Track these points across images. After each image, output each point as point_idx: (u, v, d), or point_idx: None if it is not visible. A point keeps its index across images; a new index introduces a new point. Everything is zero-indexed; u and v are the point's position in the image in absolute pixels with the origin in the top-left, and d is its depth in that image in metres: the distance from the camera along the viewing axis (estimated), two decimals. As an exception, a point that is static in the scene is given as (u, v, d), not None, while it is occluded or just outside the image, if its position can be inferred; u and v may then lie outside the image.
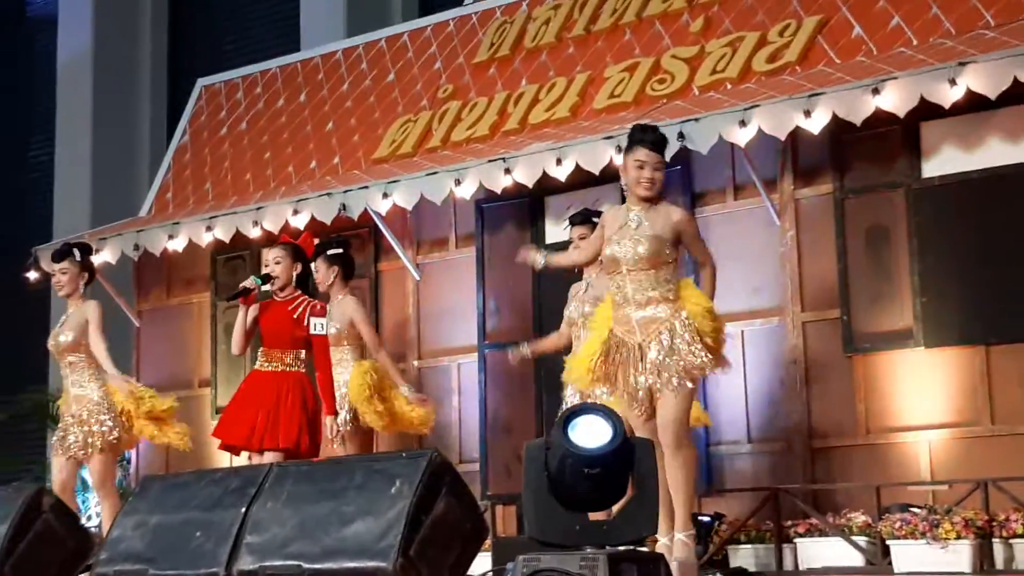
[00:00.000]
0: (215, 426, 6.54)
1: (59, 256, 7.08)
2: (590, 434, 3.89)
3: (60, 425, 6.97)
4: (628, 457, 3.90)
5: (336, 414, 6.36)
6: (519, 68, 9.55)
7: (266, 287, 6.46)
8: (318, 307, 6.38)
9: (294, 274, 6.42)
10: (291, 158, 10.40)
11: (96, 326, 6.91)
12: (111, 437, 6.89)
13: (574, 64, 9.24)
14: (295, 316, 6.32)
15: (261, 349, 6.47)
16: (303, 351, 6.36)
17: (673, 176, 8.06)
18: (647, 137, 5.52)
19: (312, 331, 6.29)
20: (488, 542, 7.09)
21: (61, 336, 6.96)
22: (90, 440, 6.84)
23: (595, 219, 6.58)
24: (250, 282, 6.40)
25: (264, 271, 6.48)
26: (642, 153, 5.50)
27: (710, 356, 5.38)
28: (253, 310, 6.52)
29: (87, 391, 6.91)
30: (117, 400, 6.94)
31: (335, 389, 6.60)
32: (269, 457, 6.13)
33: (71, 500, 6.95)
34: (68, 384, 7.03)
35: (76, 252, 7.09)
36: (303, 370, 6.38)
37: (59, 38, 15.16)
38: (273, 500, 4.18)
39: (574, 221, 6.77)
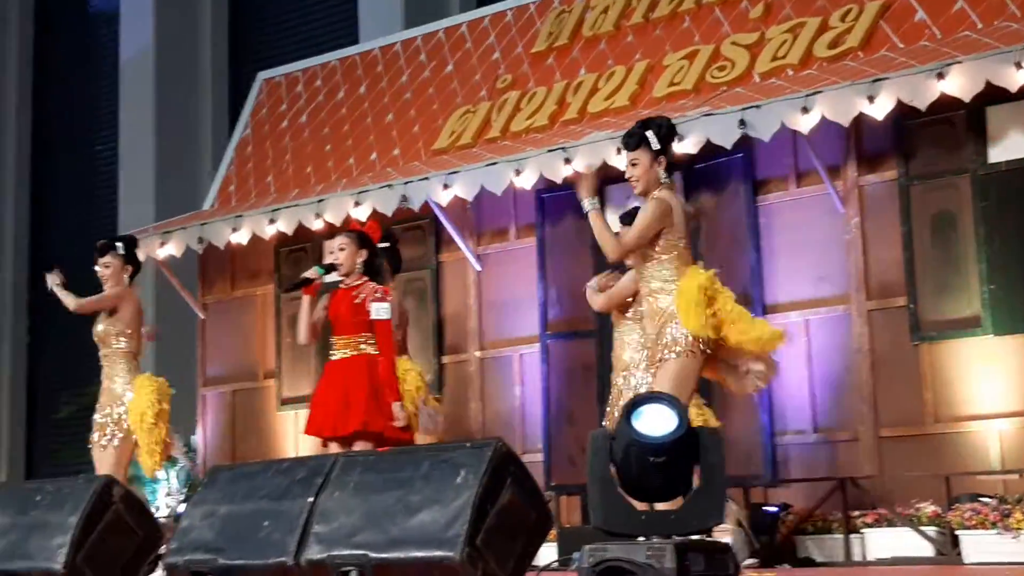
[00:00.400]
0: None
1: (102, 251, 7.13)
2: (655, 423, 3.87)
3: (95, 422, 6.95)
4: (693, 446, 3.87)
5: (401, 399, 6.33)
6: (578, 57, 9.52)
7: (330, 276, 6.45)
8: (380, 292, 6.36)
9: (359, 261, 6.41)
10: (352, 150, 10.45)
11: (101, 300, 7.00)
12: (125, 433, 6.90)
13: (633, 52, 9.20)
14: (356, 301, 6.32)
15: (332, 338, 6.46)
16: (370, 334, 6.34)
17: (735, 164, 8.03)
18: (623, 141, 5.58)
19: (373, 316, 6.27)
20: (553, 532, 7.09)
21: (98, 326, 7.02)
22: (109, 432, 6.89)
23: None
24: (312, 272, 6.40)
25: (328, 260, 6.47)
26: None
27: (684, 338, 5.29)
28: (324, 299, 6.51)
29: (115, 385, 6.95)
30: (142, 400, 6.94)
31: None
32: (358, 444, 6.12)
33: None
34: (102, 376, 7.05)
35: (119, 246, 7.12)
36: (373, 352, 6.36)
37: (121, 34, 15.33)
38: (340, 489, 4.19)
39: (624, 221, 6.67)
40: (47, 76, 16.83)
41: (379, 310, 6.28)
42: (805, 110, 7.32)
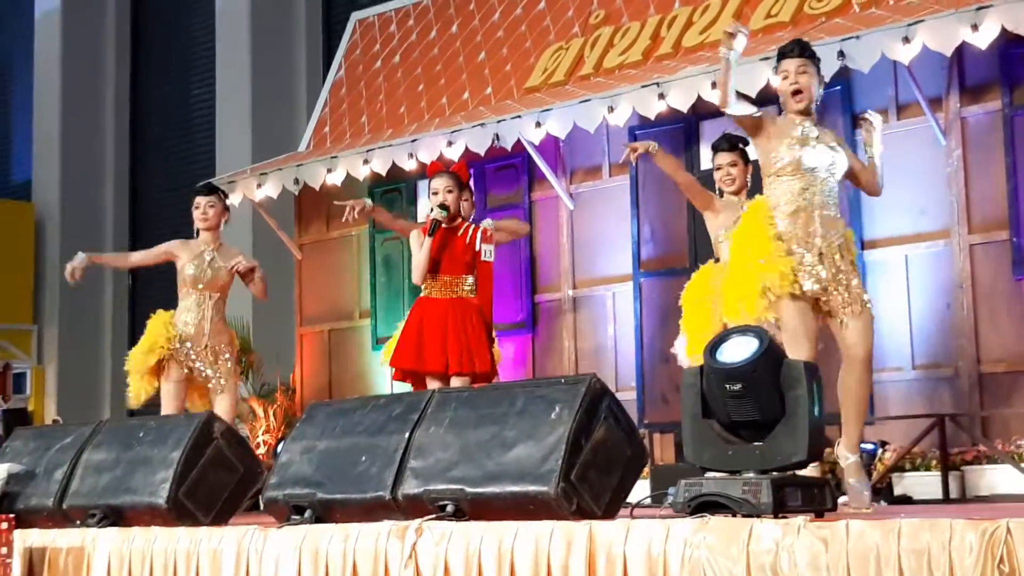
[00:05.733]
0: (394, 355, 6.47)
1: (209, 189, 7.25)
2: (735, 351, 3.82)
3: (179, 354, 7.03)
4: (774, 375, 3.77)
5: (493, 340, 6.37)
6: (672, -9, 9.38)
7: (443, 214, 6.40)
8: (487, 233, 6.37)
9: (462, 202, 6.44)
10: (444, 90, 10.44)
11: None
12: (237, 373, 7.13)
13: (729, -16, 9.03)
14: (467, 242, 6.33)
15: (432, 276, 6.38)
16: (469, 275, 6.36)
17: (833, 96, 7.87)
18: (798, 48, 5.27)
19: (484, 257, 6.30)
20: (646, 470, 7.10)
21: (212, 272, 7.08)
22: (223, 377, 7.01)
23: (741, 145, 6.42)
24: (441, 215, 6.34)
25: (434, 199, 6.41)
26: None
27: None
28: (428, 239, 6.46)
29: (227, 328, 7.12)
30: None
31: None
32: (456, 383, 6.13)
33: None
34: (206, 316, 7.09)
35: (221, 193, 7.29)
36: (469, 294, 6.37)
37: (217, -23, 15.41)
38: (436, 425, 4.23)
39: (718, 147, 6.50)
40: (145, 20, 17.02)
41: (487, 251, 6.32)
42: (906, 40, 7.14)
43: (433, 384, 6.09)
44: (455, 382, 6.11)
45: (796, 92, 5.07)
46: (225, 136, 14.52)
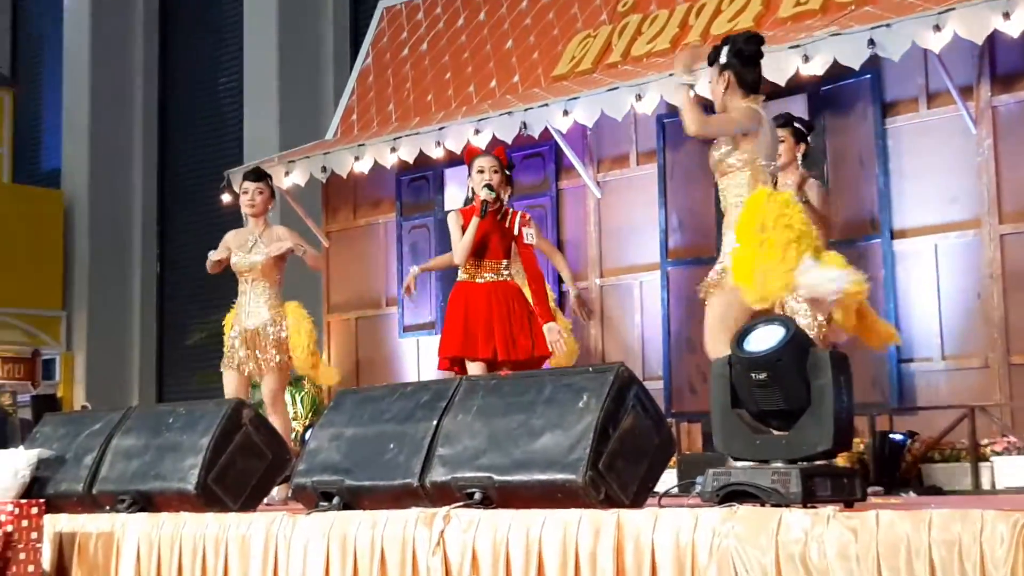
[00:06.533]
0: (440, 343, 6.41)
1: (258, 176, 7.26)
2: (761, 341, 3.80)
3: (234, 343, 7.06)
4: (800, 364, 3.75)
5: (553, 320, 6.28)
6: (701, -22, 9.33)
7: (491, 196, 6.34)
8: (527, 217, 6.37)
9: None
10: (472, 78, 10.43)
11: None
12: (285, 357, 7.04)
13: (758, -28, 8.98)
14: (507, 225, 6.31)
15: (476, 261, 6.28)
16: (509, 260, 6.33)
17: (863, 85, 7.84)
18: None
19: (525, 241, 6.28)
20: (673, 459, 7.08)
21: (255, 256, 7.10)
22: (263, 360, 7.00)
23: (796, 123, 6.46)
24: (489, 195, 6.30)
25: (479, 179, 6.34)
26: None
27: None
28: (477, 219, 6.37)
29: (268, 311, 7.08)
30: (298, 324, 7.13)
31: None
32: (474, 367, 6.11)
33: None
34: (248, 301, 7.10)
35: (269, 178, 7.32)
36: (511, 278, 6.33)
37: (245, -34, 15.44)
38: (464, 413, 4.24)
39: (776, 123, 6.45)
40: (174, 10, 17.08)
41: (529, 235, 6.31)
42: (937, 28, 7.08)
43: (476, 372, 6.06)
44: (474, 368, 6.09)
45: None
46: (253, 124, 14.56)
